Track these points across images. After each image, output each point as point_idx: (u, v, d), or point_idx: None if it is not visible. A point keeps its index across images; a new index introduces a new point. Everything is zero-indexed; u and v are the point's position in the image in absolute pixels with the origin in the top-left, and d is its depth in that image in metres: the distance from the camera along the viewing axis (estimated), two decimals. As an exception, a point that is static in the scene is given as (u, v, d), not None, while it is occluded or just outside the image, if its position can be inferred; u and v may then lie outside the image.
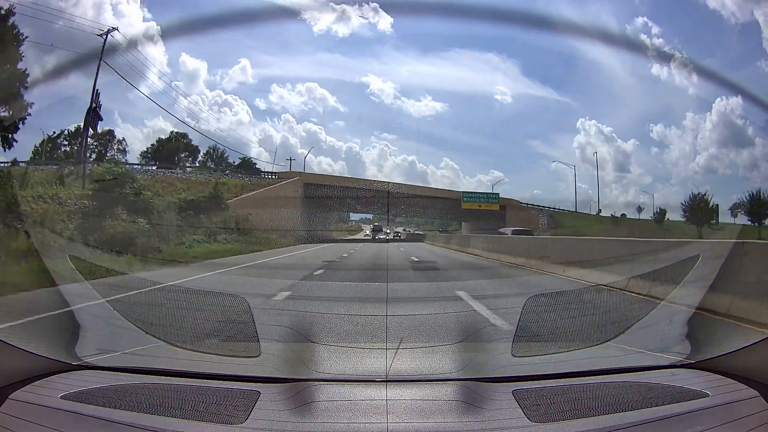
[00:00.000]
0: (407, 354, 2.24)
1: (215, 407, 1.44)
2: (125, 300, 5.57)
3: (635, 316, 4.59)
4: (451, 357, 2.34)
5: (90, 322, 3.77)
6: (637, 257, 8.29)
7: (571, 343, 3.41)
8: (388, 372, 1.80)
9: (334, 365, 2.12)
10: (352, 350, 2.69)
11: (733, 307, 5.51)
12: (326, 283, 9.18)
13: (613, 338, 2.82)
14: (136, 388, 1.58)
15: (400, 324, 5.01)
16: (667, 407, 1.46)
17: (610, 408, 1.45)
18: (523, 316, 2.70)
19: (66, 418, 1.39)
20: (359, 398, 1.54)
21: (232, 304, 3.80)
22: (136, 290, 6.74)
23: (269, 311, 5.63)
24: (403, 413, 1.41)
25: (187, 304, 4.80)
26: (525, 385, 1.62)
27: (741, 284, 5.58)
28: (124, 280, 8.20)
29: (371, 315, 5.80)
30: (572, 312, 4.94)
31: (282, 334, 3.81)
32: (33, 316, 5.20)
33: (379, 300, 7.21)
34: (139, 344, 2.32)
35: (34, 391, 1.52)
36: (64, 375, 1.69)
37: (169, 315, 4.19)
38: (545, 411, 1.43)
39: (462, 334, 4.60)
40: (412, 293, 8.11)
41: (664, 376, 1.75)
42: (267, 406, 1.46)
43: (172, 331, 3.32)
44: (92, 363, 1.82)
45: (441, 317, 5.61)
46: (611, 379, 1.71)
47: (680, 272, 5.74)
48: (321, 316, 5.73)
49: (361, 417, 1.40)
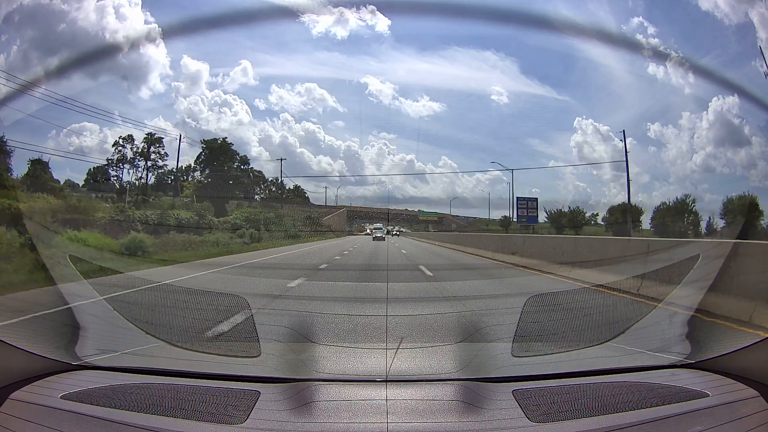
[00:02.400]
0: (407, 354, 2.23)
1: (215, 407, 1.44)
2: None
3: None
4: (451, 357, 2.34)
5: (97, 321, 3.76)
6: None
7: (571, 343, 3.41)
8: (388, 372, 1.80)
9: (334, 365, 2.12)
10: (352, 349, 2.69)
11: (734, 307, 5.50)
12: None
13: (613, 338, 2.81)
14: (136, 388, 1.58)
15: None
16: (667, 407, 1.46)
17: (610, 408, 1.44)
18: (522, 316, 2.69)
19: (66, 418, 1.39)
20: (359, 398, 1.53)
21: (231, 304, 3.80)
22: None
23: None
24: (403, 413, 1.41)
25: (187, 304, 4.80)
26: (525, 385, 1.62)
27: (741, 285, 5.57)
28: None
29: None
30: (573, 312, 4.94)
31: (286, 325, 3.81)
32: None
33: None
34: (141, 344, 2.32)
35: (34, 391, 1.52)
36: (64, 375, 1.69)
37: (169, 315, 4.19)
38: (545, 411, 1.43)
39: (462, 334, 4.59)
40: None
41: (664, 376, 1.74)
42: (267, 406, 1.45)
43: (172, 331, 3.32)
44: (92, 363, 1.82)
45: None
46: (611, 379, 1.71)
47: (679, 272, 5.73)
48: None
49: (361, 417, 1.39)
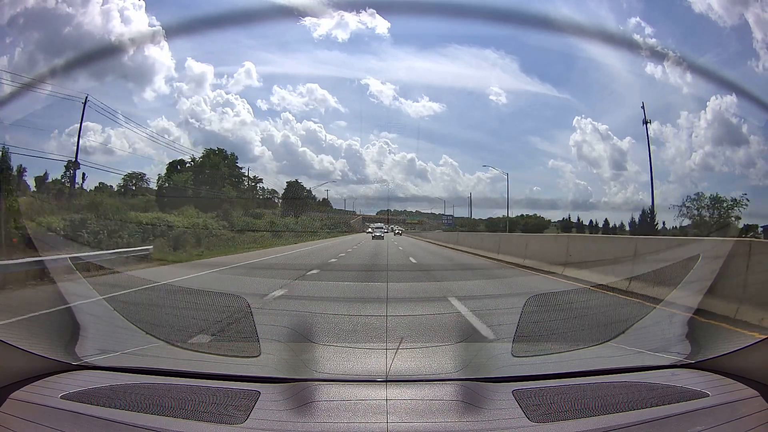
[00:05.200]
0: (407, 354, 2.23)
1: (215, 407, 1.44)
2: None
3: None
4: (451, 357, 2.34)
5: (93, 321, 3.76)
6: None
7: (570, 343, 3.41)
8: (388, 372, 1.80)
9: (335, 365, 2.12)
10: (352, 349, 2.68)
11: (733, 307, 5.49)
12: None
13: (613, 338, 2.80)
14: (136, 388, 1.57)
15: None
16: (667, 407, 1.46)
17: (610, 408, 1.44)
18: (523, 316, 2.69)
19: (66, 418, 1.38)
20: (359, 398, 1.53)
21: (230, 304, 3.79)
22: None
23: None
24: (403, 413, 1.41)
25: (187, 304, 4.80)
26: (525, 385, 1.62)
27: (742, 285, 5.55)
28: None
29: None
30: (573, 312, 4.94)
31: (286, 323, 3.80)
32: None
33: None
34: (141, 344, 2.32)
35: (34, 391, 1.52)
36: (64, 375, 1.69)
37: (169, 315, 4.19)
38: (545, 411, 1.43)
39: (462, 334, 4.59)
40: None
41: (664, 376, 1.74)
42: (267, 406, 1.45)
43: (172, 331, 3.32)
44: (92, 363, 1.82)
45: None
46: (611, 379, 1.71)
47: (679, 273, 5.72)
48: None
49: (361, 417, 1.39)
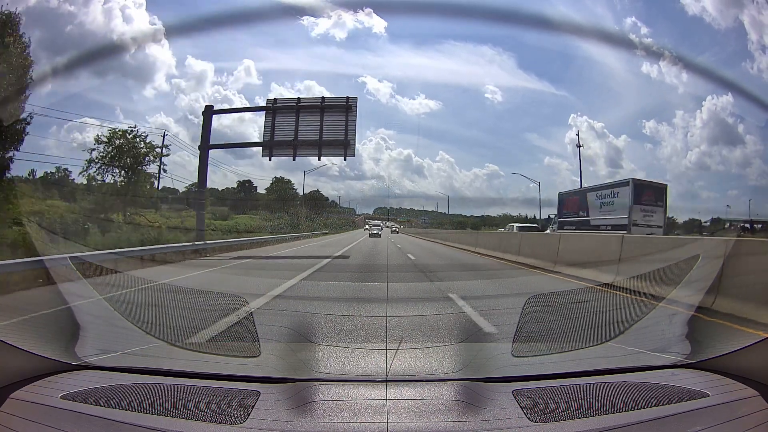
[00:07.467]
0: (407, 354, 2.23)
1: (215, 407, 1.44)
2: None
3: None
4: (451, 357, 2.33)
5: (94, 321, 3.76)
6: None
7: (570, 343, 3.40)
8: (388, 372, 1.80)
9: (335, 365, 2.12)
10: (351, 349, 2.68)
11: (733, 307, 5.49)
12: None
13: (613, 338, 2.80)
14: (136, 388, 1.57)
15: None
16: (667, 407, 1.46)
17: (610, 408, 1.44)
18: (522, 316, 2.68)
19: (66, 418, 1.38)
20: (359, 398, 1.53)
21: (230, 304, 3.79)
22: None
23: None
24: (403, 413, 1.41)
25: (188, 303, 4.79)
26: (525, 385, 1.62)
27: (742, 284, 5.55)
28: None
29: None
30: (573, 312, 4.94)
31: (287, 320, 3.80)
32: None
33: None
34: (141, 344, 2.32)
35: (34, 391, 1.52)
36: (64, 375, 1.69)
37: (169, 314, 4.18)
38: (545, 411, 1.43)
39: (462, 334, 4.59)
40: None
41: (664, 376, 1.74)
42: (267, 406, 1.45)
43: (172, 331, 3.32)
44: (92, 363, 1.82)
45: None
46: (611, 379, 1.71)
47: (679, 272, 5.72)
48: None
49: (361, 417, 1.39)
